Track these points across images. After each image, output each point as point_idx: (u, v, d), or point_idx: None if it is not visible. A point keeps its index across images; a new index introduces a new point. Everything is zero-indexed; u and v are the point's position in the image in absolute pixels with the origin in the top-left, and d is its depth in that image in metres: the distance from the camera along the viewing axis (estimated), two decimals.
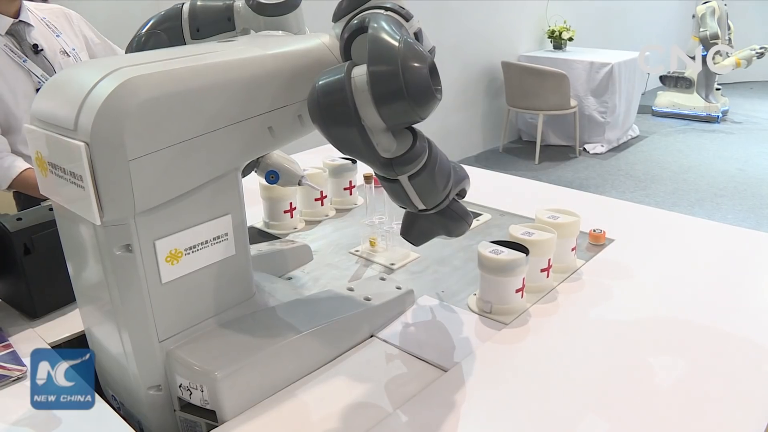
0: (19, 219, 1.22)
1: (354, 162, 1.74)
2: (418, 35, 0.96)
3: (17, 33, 1.89)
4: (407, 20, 0.94)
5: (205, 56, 0.95)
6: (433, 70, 0.86)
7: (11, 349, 1.13)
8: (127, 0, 3.17)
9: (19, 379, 1.05)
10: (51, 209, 1.21)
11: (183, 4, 1.17)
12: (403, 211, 1.05)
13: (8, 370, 1.07)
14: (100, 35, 2.16)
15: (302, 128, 1.04)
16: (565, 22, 6.32)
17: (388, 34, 0.85)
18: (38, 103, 0.92)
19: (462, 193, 1.08)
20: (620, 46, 6.49)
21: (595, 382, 1.03)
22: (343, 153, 0.90)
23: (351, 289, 1.20)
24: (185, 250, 0.95)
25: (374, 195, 1.45)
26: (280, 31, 1.15)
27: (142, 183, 0.85)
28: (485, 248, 1.19)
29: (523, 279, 1.20)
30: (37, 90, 1.86)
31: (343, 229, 1.64)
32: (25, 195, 1.88)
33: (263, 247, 1.43)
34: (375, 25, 0.87)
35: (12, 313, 1.27)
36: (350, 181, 1.76)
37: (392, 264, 1.42)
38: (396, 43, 0.83)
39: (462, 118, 5.72)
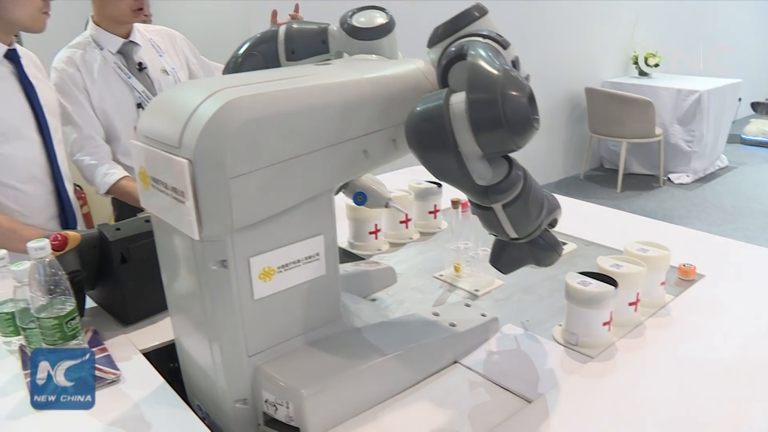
0: (117, 229, 1.27)
1: (439, 186, 1.74)
2: (515, 63, 0.96)
3: (126, 52, 2.06)
4: (504, 48, 0.94)
5: (304, 79, 0.98)
6: (532, 100, 0.85)
7: (107, 353, 1.17)
8: (219, 24, 3.30)
9: (113, 382, 1.09)
10: (147, 221, 1.26)
11: (279, 26, 1.20)
12: (489, 236, 1.04)
13: (104, 372, 1.11)
14: (198, 55, 2.29)
15: (396, 152, 1.04)
16: (652, 49, 6.17)
17: (487, 62, 0.85)
18: (144, 121, 0.96)
19: (553, 223, 1.07)
20: (709, 73, 6.28)
21: (683, 423, 0.99)
22: (439, 179, 0.90)
23: (436, 314, 1.20)
24: (278, 268, 0.96)
25: (461, 220, 1.44)
26: (374, 55, 1.16)
27: (241, 201, 0.87)
28: (573, 279, 1.16)
29: (611, 312, 1.17)
30: (138, 105, 1.98)
31: (427, 252, 1.64)
32: (122, 202, 1.99)
33: (348, 267, 1.44)
34: (473, 52, 0.87)
35: (107, 318, 1.33)
36: (435, 205, 1.76)
37: (476, 290, 1.41)
38: (496, 72, 0.83)
39: (543, 143, 5.65)
